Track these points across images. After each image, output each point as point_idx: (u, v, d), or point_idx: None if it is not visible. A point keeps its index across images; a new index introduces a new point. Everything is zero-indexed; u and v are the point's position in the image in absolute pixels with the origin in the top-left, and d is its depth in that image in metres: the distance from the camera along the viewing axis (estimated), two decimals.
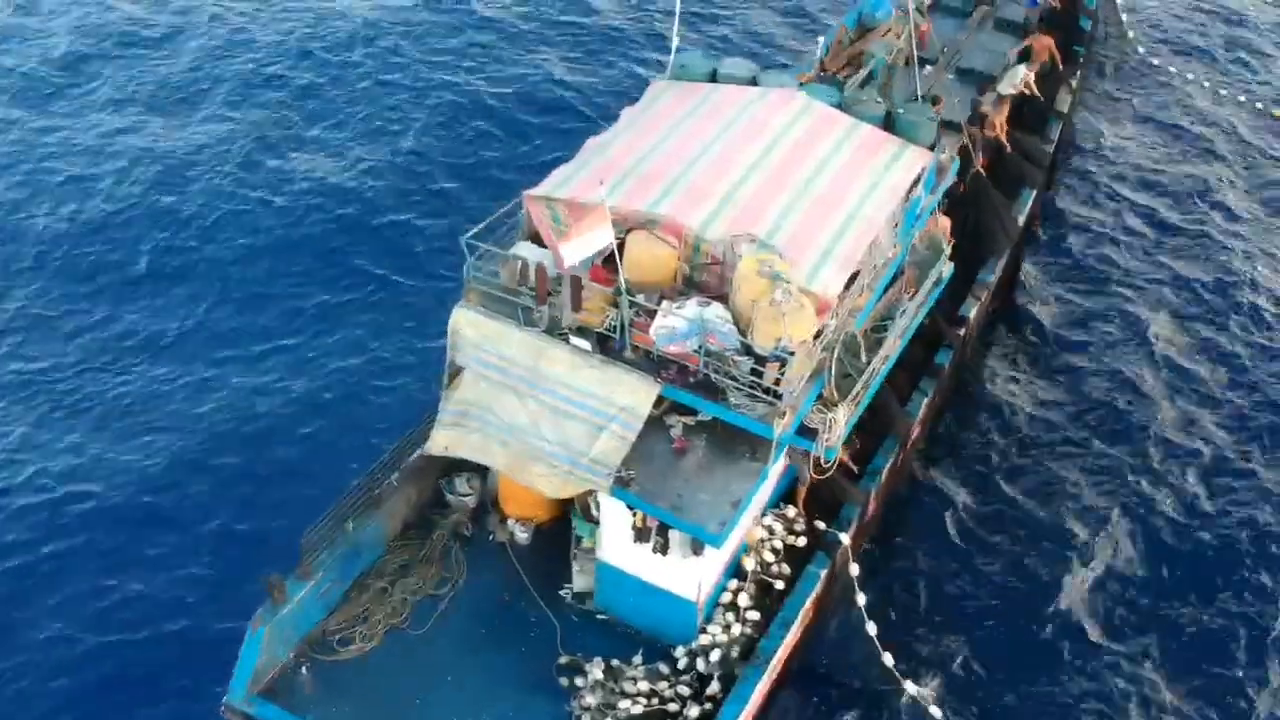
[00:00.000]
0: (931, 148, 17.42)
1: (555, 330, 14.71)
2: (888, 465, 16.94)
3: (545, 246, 15.62)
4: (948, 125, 20.34)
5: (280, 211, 23.58)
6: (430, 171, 24.84)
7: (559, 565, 15.79)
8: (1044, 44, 24.16)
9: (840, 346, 14.74)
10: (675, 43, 18.62)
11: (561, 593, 15.61)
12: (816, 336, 14.10)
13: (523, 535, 16.21)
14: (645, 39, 29.53)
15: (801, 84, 23.15)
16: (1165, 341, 21.31)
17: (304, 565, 14.63)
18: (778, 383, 13.68)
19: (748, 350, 13.92)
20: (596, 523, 15.05)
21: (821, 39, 25.69)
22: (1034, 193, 22.26)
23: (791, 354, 13.54)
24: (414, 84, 27.59)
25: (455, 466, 16.25)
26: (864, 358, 15.23)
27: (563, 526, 15.81)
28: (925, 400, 17.97)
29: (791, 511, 15.78)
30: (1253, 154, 26.33)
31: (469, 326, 15.08)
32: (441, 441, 15.25)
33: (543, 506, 15.92)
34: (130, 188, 24.00)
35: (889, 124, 17.55)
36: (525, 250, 15.41)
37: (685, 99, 17.52)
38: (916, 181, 16.71)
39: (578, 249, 13.34)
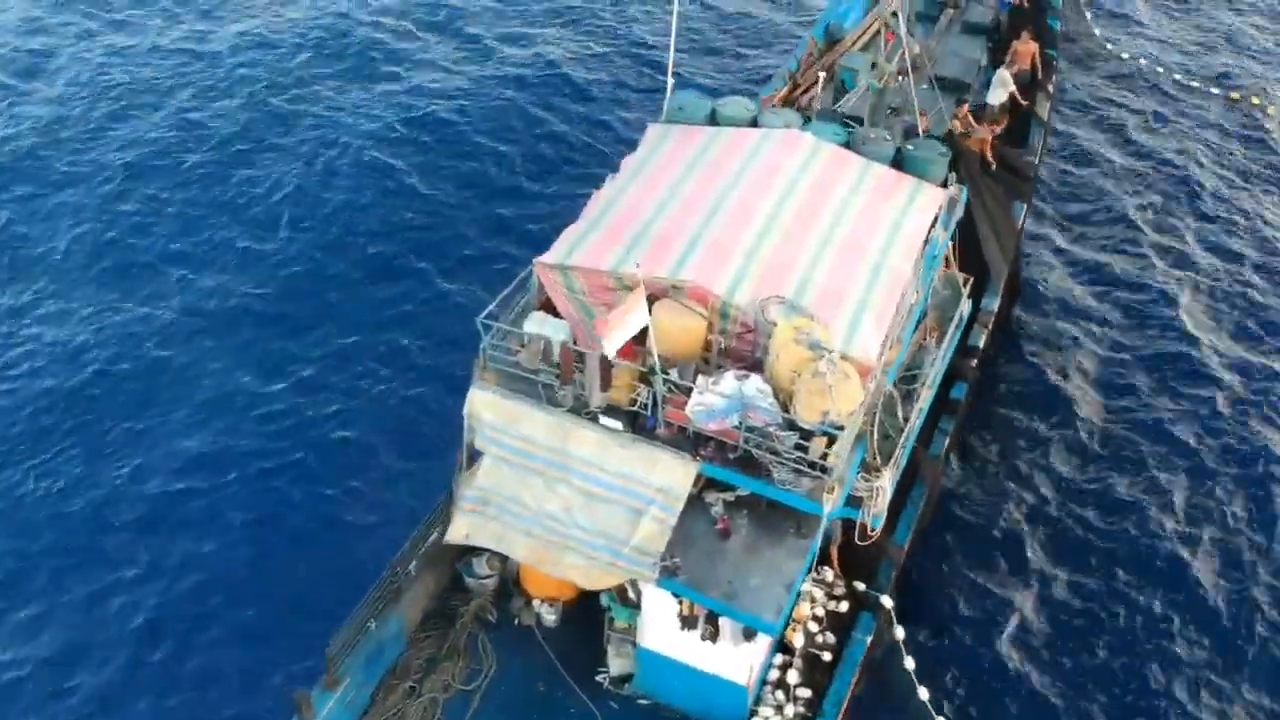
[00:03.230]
0: (944, 184, 16.89)
1: (582, 409, 13.94)
2: (919, 514, 16.46)
3: (559, 316, 14.84)
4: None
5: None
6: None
7: (592, 647, 15.09)
8: (1028, 49, 23.71)
9: (880, 408, 14.19)
10: (670, 83, 17.83)
11: (599, 678, 14.91)
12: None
13: (550, 616, 15.46)
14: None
15: (771, 105, 22.82)
16: (1174, 343, 21.11)
17: (330, 676, 13.77)
18: (824, 457, 13.08)
19: (790, 423, 13.28)
20: (634, 606, 14.37)
21: (792, 53, 25.30)
22: (1024, 207, 21.87)
23: (840, 428, 12.93)
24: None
25: (474, 548, 15.42)
26: (900, 413, 14.71)
27: (591, 604, 15.09)
28: (947, 440, 17.51)
29: (829, 574, 15.20)
30: (1231, 144, 26.24)
31: (487, 409, 14.26)
32: (461, 529, 14.45)
33: (569, 585, 15.13)
34: None
35: (899, 162, 16.98)
36: (540, 323, 14.59)
37: (687, 145, 16.78)
38: (934, 222, 16.18)
39: (617, 335, 12.58)
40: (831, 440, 12.97)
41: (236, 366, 20.30)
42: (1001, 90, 22.59)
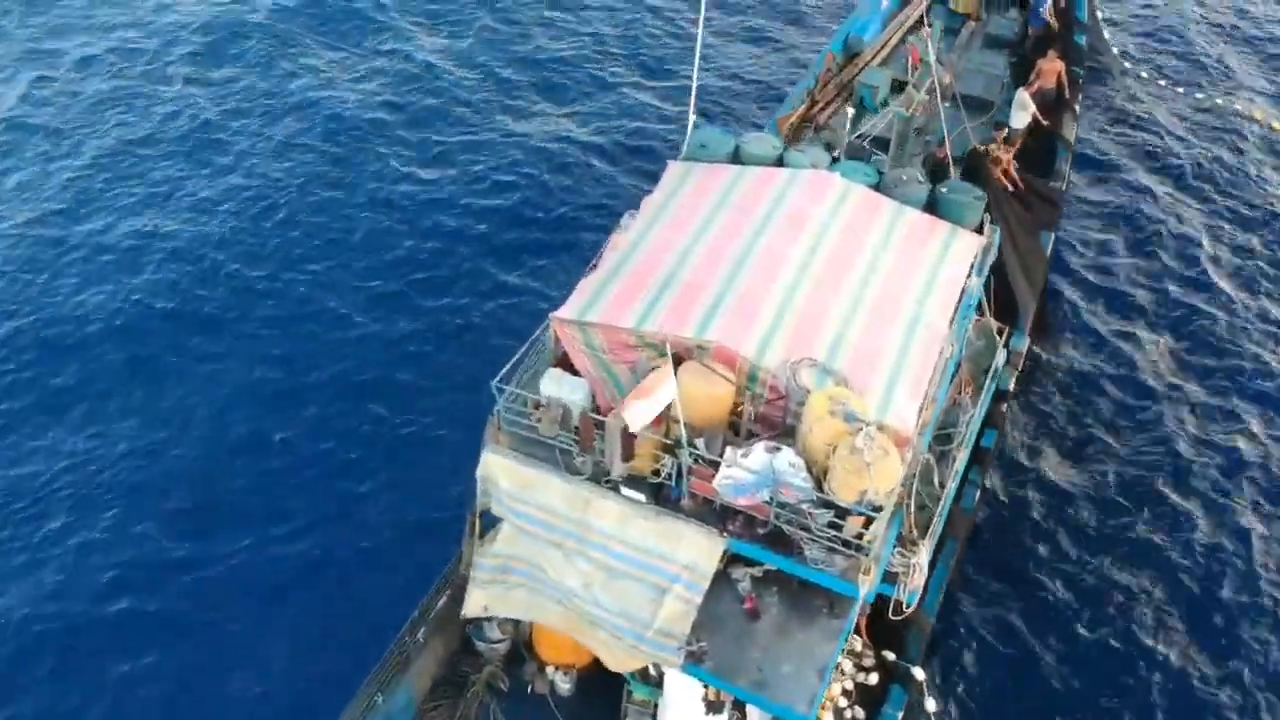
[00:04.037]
0: (979, 229, 16.11)
1: (602, 478, 13.19)
2: (949, 575, 15.77)
3: (577, 374, 14.07)
4: (955, 162, 19.15)
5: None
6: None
7: (609, 717, 14.40)
8: (1053, 68, 22.85)
9: (916, 477, 13.46)
10: (692, 119, 16.97)
11: None
12: None
13: (564, 685, 14.76)
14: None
15: (786, 125, 21.99)
16: (1193, 379, 20.37)
17: None
18: (860, 536, 12.35)
19: (824, 499, 12.55)
20: (655, 684, 13.68)
21: (809, 69, 24.41)
22: (1051, 237, 21.09)
23: (879, 509, 12.19)
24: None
25: None
26: (935, 479, 13.97)
27: (608, 672, 14.31)
28: (978, 493, 16.80)
29: (858, 644, 14.54)
30: (1261, 168, 25.44)
31: (504, 474, 13.51)
32: (479, 601, 13.75)
33: (584, 650, 14.45)
34: None
35: (932, 205, 16.18)
36: (557, 382, 13.81)
37: (710, 186, 15.96)
38: (970, 271, 15.41)
39: (643, 411, 11.82)
40: (869, 520, 12.23)
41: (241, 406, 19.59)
42: (1024, 114, 21.78)
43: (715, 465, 12.70)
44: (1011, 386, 18.23)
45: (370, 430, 19.12)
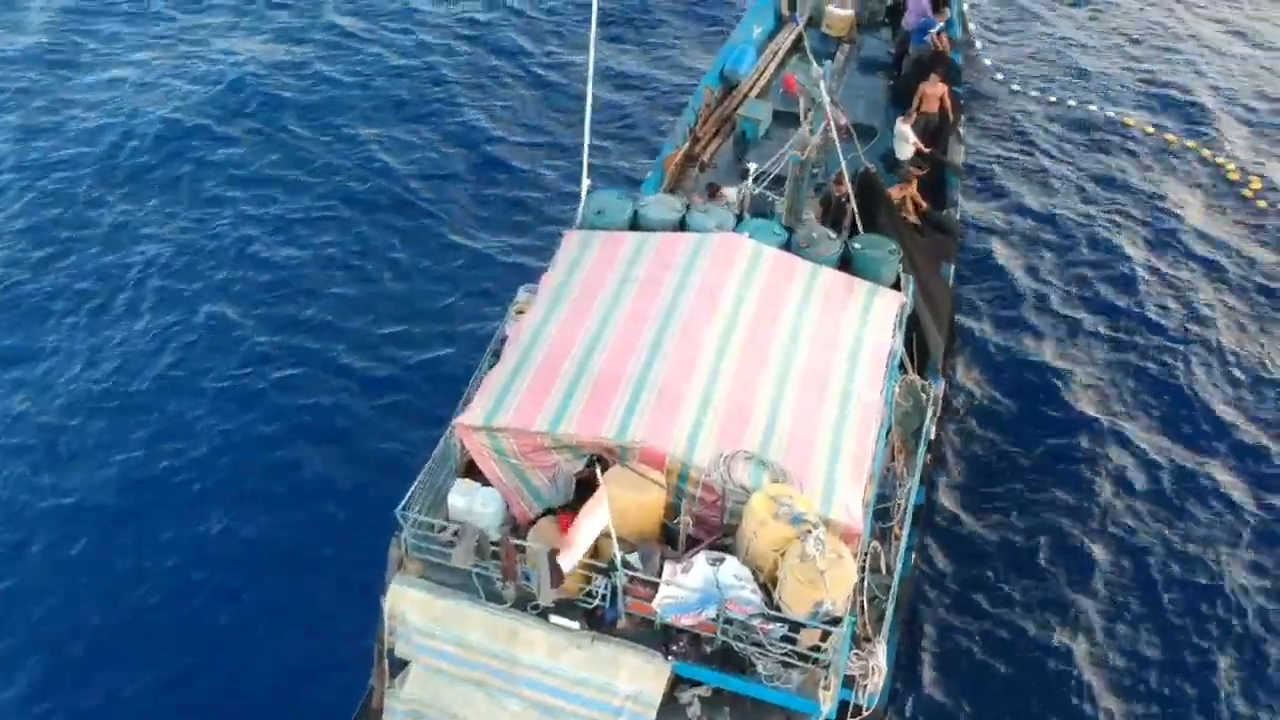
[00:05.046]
0: (896, 284, 15.30)
1: (529, 605, 11.84)
2: (894, 651, 14.89)
3: (488, 483, 12.70)
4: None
5: None
6: None
7: None
8: (935, 92, 22.33)
9: (866, 570, 12.50)
10: (585, 184, 15.71)
11: None
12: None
13: None
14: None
15: (672, 165, 20.93)
16: (1107, 398, 20.08)
17: None
18: (817, 648, 11.31)
19: (775, 608, 11.46)
20: None
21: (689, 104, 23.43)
22: (952, 269, 20.53)
23: (837, 621, 11.16)
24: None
25: None
26: (883, 564, 13.04)
27: None
28: (913, 554, 16.01)
29: None
30: (1144, 173, 25.51)
31: (414, 609, 12.04)
32: None
33: None
34: None
35: (846, 263, 15.30)
36: (467, 495, 12.42)
37: (612, 259, 14.76)
38: (894, 331, 14.58)
39: (576, 550, 10.53)
40: (828, 635, 11.19)
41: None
42: (907, 145, 21.21)
43: (654, 584, 11.50)
44: (934, 434, 17.50)
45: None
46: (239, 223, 23.08)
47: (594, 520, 10.60)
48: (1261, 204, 24.64)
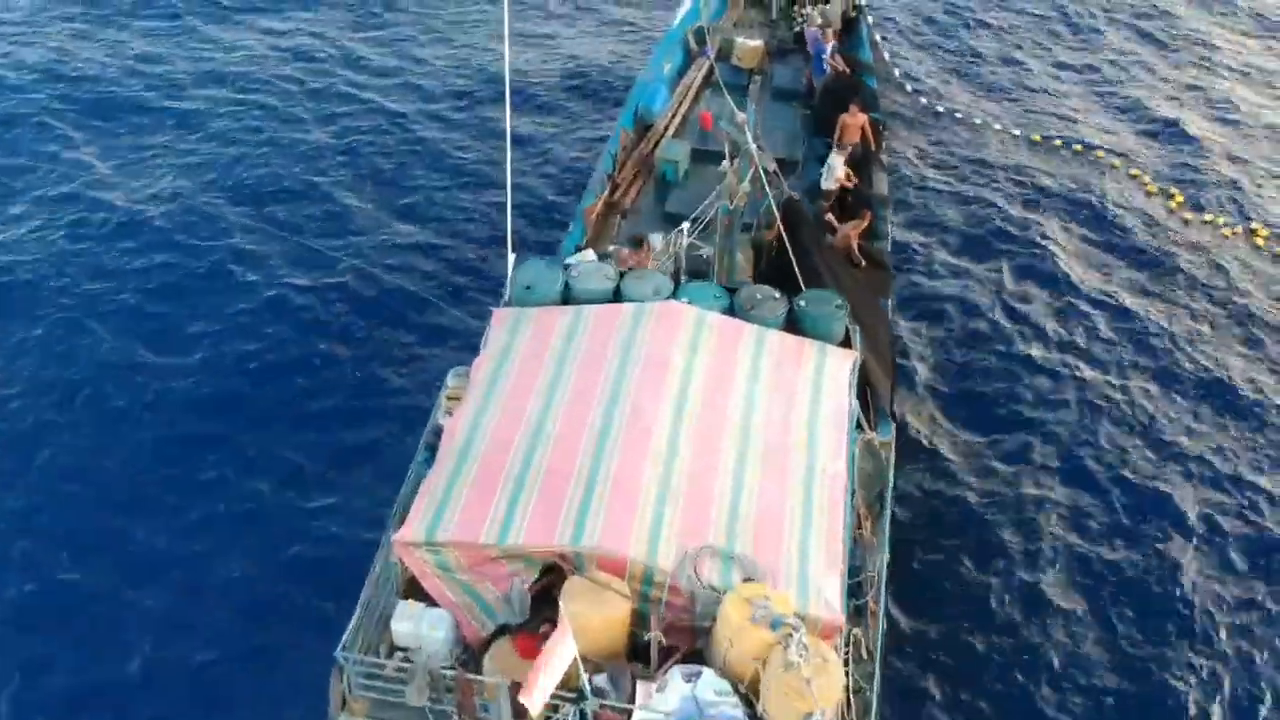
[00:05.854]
0: (845, 342, 14.57)
1: None
2: None
3: (434, 604, 11.62)
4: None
5: None
6: None
7: None
8: (856, 122, 21.72)
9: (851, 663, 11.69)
10: (510, 257, 14.68)
11: None
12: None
13: None
14: None
15: (593, 215, 19.95)
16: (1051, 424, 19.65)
17: None
18: None
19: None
20: None
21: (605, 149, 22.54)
22: (889, 302, 19.92)
23: None
24: None
25: None
26: (864, 650, 12.25)
27: None
28: (882, 610, 15.24)
29: None
30: (1064, 185, 25.31)
31: None
32: None
33: None
34: None
35: (792, 323, 14.52)
36: (413, 619, 11.35)
37: (547, 337, 13.76)
38: (849, 392, 13.82)
39: (542, 690, 9.51)
40: None
41: None
42: (833, 178, 20.59)
43: (628, 711, 10.54)
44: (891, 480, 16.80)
45: None
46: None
47: (559, 656, 9.61)
48: (1188, 216, 24.58)
